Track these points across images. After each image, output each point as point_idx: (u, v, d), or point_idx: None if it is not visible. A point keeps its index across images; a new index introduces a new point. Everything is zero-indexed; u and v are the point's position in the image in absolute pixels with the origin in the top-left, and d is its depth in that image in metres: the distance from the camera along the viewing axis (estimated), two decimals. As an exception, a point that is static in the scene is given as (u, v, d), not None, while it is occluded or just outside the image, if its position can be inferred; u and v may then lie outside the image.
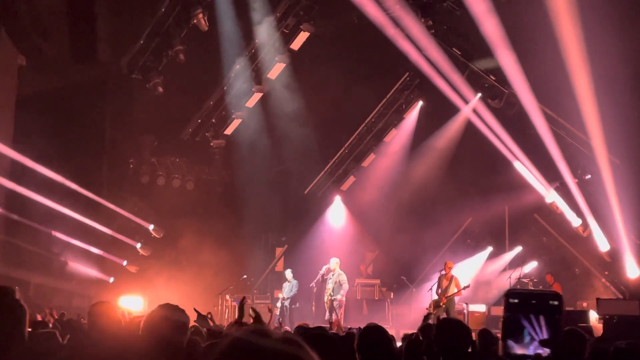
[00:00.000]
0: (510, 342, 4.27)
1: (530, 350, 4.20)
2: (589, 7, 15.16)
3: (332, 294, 18.90)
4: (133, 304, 19.68)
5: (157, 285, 20.15)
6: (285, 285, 19.93)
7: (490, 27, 16.74)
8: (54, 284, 19.48)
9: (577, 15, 15.26)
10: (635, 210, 17.64)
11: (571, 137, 19.13)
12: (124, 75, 20.71)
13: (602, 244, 18.94)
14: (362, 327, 12.57)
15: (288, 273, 20.10)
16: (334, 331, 14.81)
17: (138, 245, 21.13)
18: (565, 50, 15.94)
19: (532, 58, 17.31)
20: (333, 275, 19.04)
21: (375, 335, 5.63)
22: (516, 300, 4.33)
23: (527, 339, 4.23)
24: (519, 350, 4.20)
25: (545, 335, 4.15)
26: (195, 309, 6.65)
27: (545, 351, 4.15)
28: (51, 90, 20.03)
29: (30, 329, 6.20)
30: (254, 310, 6.85)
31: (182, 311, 4.48)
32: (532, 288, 19.90)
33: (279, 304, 19.62)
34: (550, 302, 4.27)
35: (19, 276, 18.51)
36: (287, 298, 19.62)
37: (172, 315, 4.41)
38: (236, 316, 7.14)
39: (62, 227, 19.41)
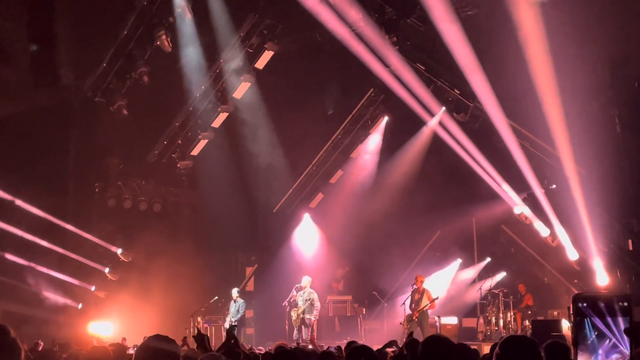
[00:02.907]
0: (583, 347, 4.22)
1: (602, 353, 4.16)
2: (553, 20, 15.40)
3: (303, 312, 18.80)
4: (103, 330, 19.41)
5: (127, 310, 19.89)
6: (232, 305, 19.44)
7: (455, 42, 16.92)
8: (23, 311, 19.12)
9: (542, 27, 15.49)
10: (602, 219, 17.88)
11: (536, 148, 19.34)
12: (87, 99, 20.54)
13: (571, 253, 19.12)
14: (337, 344, 12.48)
15: (234, 292, 19.57)
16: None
17: (106, 270, 20.86)
18: (530, 62, 16.15)
19: (496, 71, 17.50)
20: (304, 293, 18.96)
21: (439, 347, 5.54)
22: (585, 304, 4.31)
23: (598, 341, 4.21)
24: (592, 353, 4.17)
25: (619, 337, 4.13)
26: (194, 335, 6.61)
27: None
28: (13, 115, 19.74)
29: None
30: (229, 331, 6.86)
31: (173, 341, 4.43)
32: (502, 297, 20.08)
33: (227, 326, 19.03)
34: (621, 303, 4.27)
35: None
36: (235, 320, 19.01)
37: (163, 346, 4.35)
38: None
39: (28, 254, 19.11)
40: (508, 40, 16.26)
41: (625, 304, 4.25)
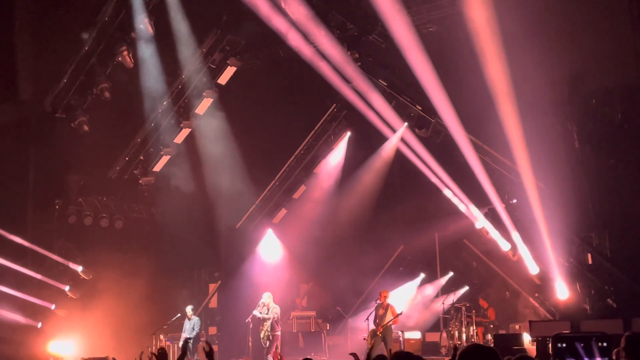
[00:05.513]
0: None
1: None
2: (512, 36, 15.64)
3: (269, 330, 18.63)
4: (64, 349, 19.12)
5: (88, 328, 19.60)
6: (186, 323, 19.06)
7: (416, 58, 17.08)
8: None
9: (501, 44, 15.72)
10: (562, 233, 18.11)
11: (497, 163, 19.55)
12: (47, 115, 20.28)
13: (532, 267, 19.31)
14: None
15: (189, 310, 19.19)
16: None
17: (67, 288, 20.52)
18: (489, 78, 16.36)
19: (457, 87, 17.69)
20: (269, 310, 18.81)
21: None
22: (564, 345, 4.30)
23: None
24: None
25: None
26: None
27: None
28: (-29, 132, 19.48)
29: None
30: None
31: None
32: (465, 311, 20.20)
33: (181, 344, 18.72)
34: (600, 344, 4.26)
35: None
36: (190, 338, 18.70)
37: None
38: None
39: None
40: (468, 57, 16.47)
41: (605, 344, 4.26)
